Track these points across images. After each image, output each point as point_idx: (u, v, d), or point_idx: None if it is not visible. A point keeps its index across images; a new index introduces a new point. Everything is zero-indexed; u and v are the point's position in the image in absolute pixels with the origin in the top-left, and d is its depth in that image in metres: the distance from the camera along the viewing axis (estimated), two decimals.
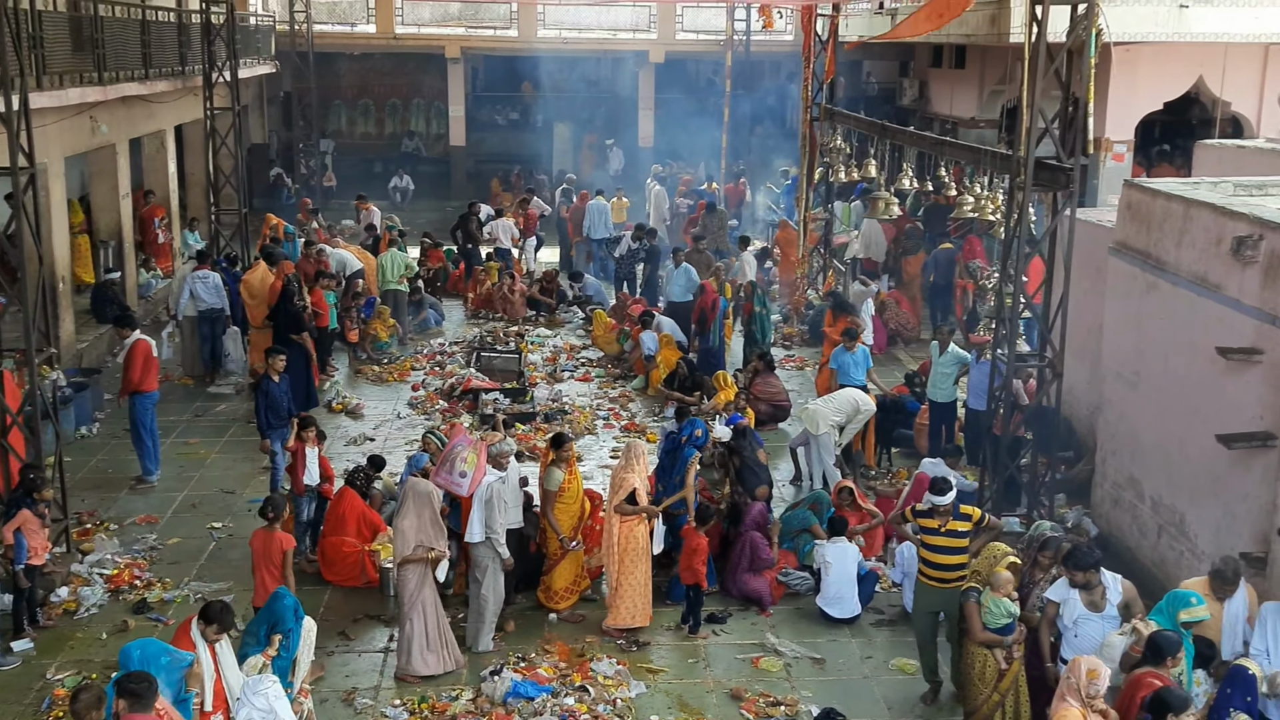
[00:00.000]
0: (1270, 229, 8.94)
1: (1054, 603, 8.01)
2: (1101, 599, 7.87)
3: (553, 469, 9.95)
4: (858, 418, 12.59)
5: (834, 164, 18.42)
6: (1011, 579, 8.01)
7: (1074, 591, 7.89)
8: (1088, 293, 12.07)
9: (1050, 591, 8.09)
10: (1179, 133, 20.40)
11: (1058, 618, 7.98)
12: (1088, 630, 7.81)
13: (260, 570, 8.87)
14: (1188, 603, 7.41)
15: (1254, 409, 9.00)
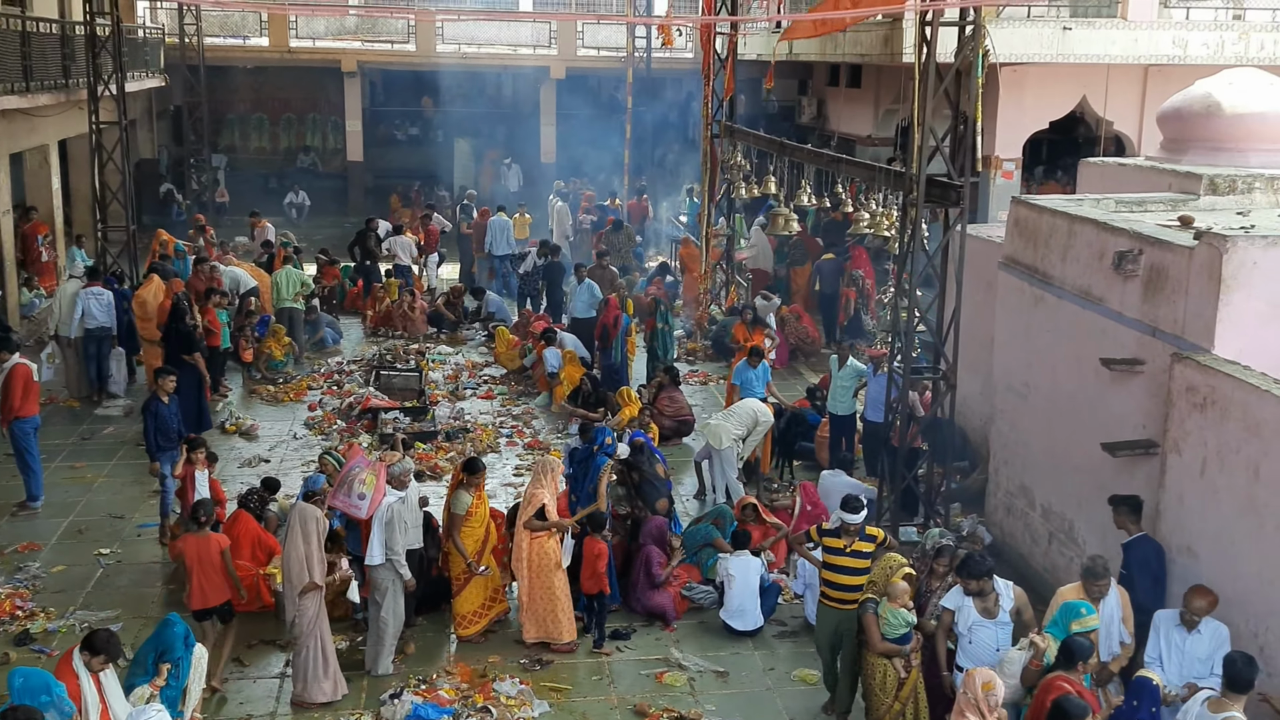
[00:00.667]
0: (1149, 244, 9.26)
1: (949, 610, 8.13)
2: (995, 606, 8.01)
3: (461, 492, 9.84)
4: (757, 429, 12.71)
5: (734, 180, 18.62)
6: (908, 589, 8.14)
7: (968, 599, 8.02)
8: (980, 307, 12.35)
9: (945, 599, 8.22)
10: (1065, 151, 21.04)
11: (953, 625, 8.12)
12: (981, 637, 7.94)
13: (197, 575, 8.87)
14: (1079, 613, 7.57)
15: (1137, 418, 9.30)
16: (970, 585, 7.98)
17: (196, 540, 8.94)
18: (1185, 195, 11.19)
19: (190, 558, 8.91)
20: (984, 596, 7.98)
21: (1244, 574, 7.78)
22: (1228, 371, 8.03)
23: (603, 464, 10.68)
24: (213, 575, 8.92)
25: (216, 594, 9.00)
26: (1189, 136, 12.16)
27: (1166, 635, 7.63)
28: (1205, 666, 7.51)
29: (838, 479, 12.33)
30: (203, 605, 8.97)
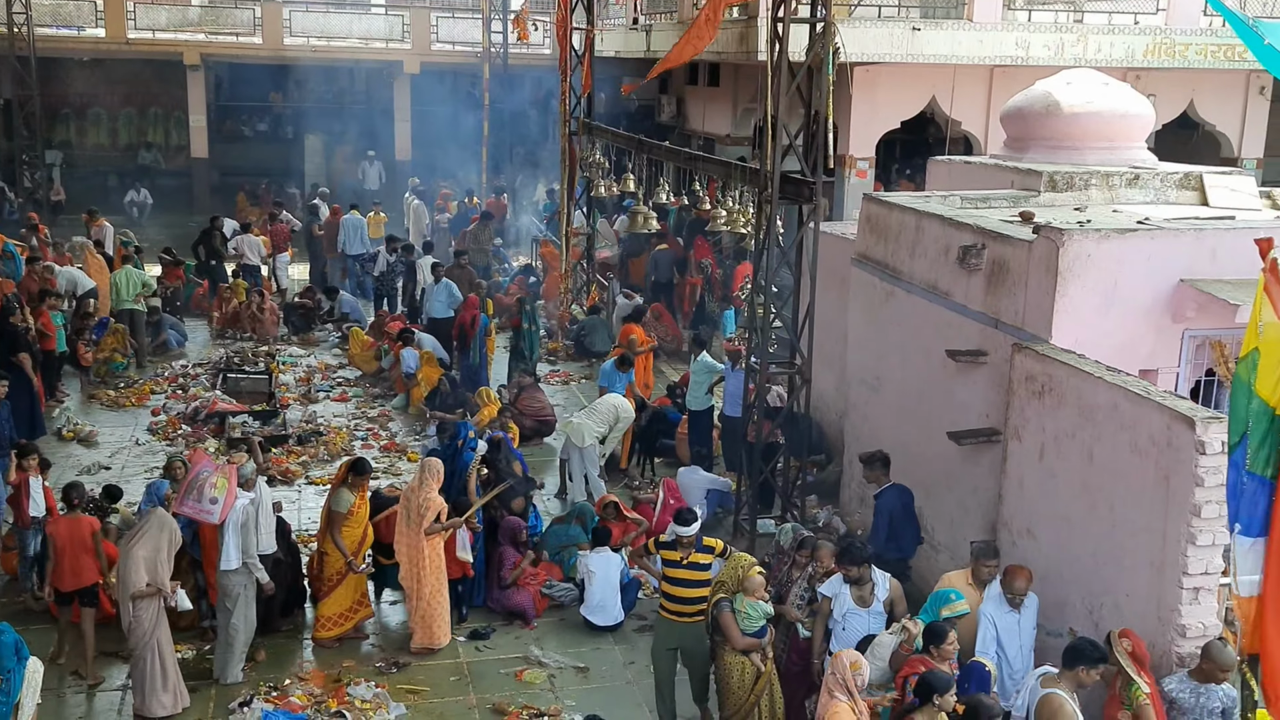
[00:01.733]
0: (992, 239, 9.57)
1: (827, 598, 8.26)
2: (870, 595, 8.13)
3: (343, 491, 9.68)
4: (618, 425, 12.71)
5: (593, 178, 18.60)
6: (763, 582, 8.17)
7: (845, 587, 8.16)
8: (835, 302, 12.59)
9: (823, 587, 8.32)
10: (917, 150, 21.67)
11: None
12: (855, 625, 8.05)
13: (68, 556, 9.10)
14: (948, 600, 7.75)
15: (981, 407, 9.59)
16: (850, 572, 8.09)
17: (68, 522, 9.21)
18: (1026, 192, 11.59)
19: (62, 539, 9.11)
20: (861, 585, 8.12)
21: (1080, 553, 8.09)
22: (1063, 360, 8.34)
23: (470, 460, 10.62)
24: (83, 556, 9.12)
25: (88, 574, 9.15)
26: (1030, 135, 12.60)
27: (999, 619, 7.83)
28: (1031, 637, 7.91)
29: (695, 475, 12.42)
30: (75, 586, 9.10)
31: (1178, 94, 19.89)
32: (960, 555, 9.75)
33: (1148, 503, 7.45)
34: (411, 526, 9.55)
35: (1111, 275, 8.80)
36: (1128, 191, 11.49)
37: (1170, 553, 7.26)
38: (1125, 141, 12.30)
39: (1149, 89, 18.00)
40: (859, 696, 6.99)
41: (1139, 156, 12.34)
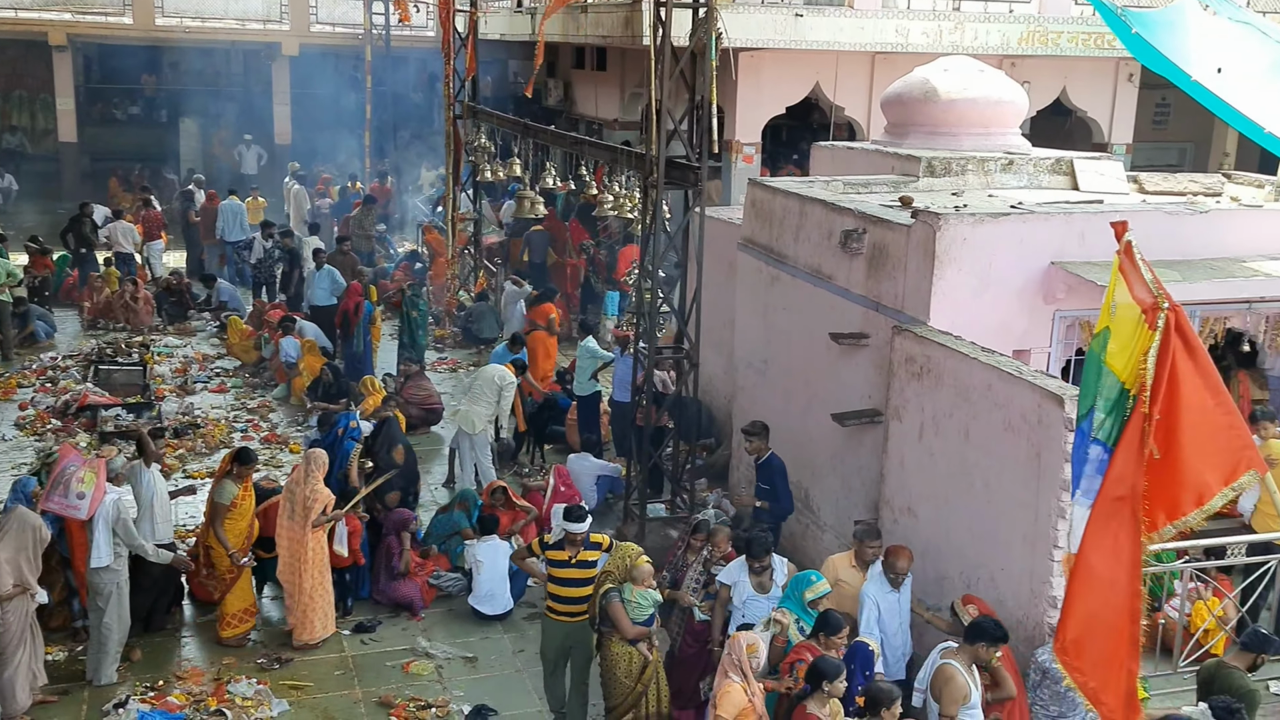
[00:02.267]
0: (872, 223, 9.72)
1: (726, 585, 8.30)
2: (769, 580, 8.21)
3: (226, 482, 9.45)
4: (504, 395, 12.44)
5: (479, 163, 18.38)
6: (651, 571, 8.17)
7: (744, 574, 8.20)
8: (722, 287, 12.67)
9: (723, 575, 8.36)
10: (802, 136, 21.91)
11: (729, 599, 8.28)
12: (755, 610, 8.08)
13: None
14: (809, 582, 7.85)
15: (864, 389, 9.75)
16: (754, 564, 8.18)
17: None
18: (906, 177, 11.80)
19: None
20: (761, 572, 8.20)
21: (957, 529, 8.29)
22: (940, 342, 8.52)
23: (350, 449, 10.47)
24: None
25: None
26: (909, 121, 12.83)
27: (881, 600, 7.96)
28: (908, 615, 8.08)
29: (585, 462, 12.41)
30: None
31: (1051, 81, 20.48)
32: (845, 534, 9.91)
33: (1020, 479, 7.65)
34: (295, 520, 9.35)
35: (986, 258, 9.00)
36: (1003, 176, 11.78)
37: (1041, 526, 7.47)
38: (1000, 127, 12.62)
39: (1023, 76, 18.54)
40: (753, 679, 7.07)
41: (1013, 142, 12.67)
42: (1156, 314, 4.63)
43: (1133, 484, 4.63)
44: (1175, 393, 4.54)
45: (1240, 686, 6.92)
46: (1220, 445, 4.59)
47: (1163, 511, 4.67)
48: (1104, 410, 4.77)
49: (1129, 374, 4.67)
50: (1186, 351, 4.58)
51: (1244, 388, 10.29)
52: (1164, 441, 4.61)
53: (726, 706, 6.94)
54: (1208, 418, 4.59)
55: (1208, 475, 4.61)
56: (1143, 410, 4.56)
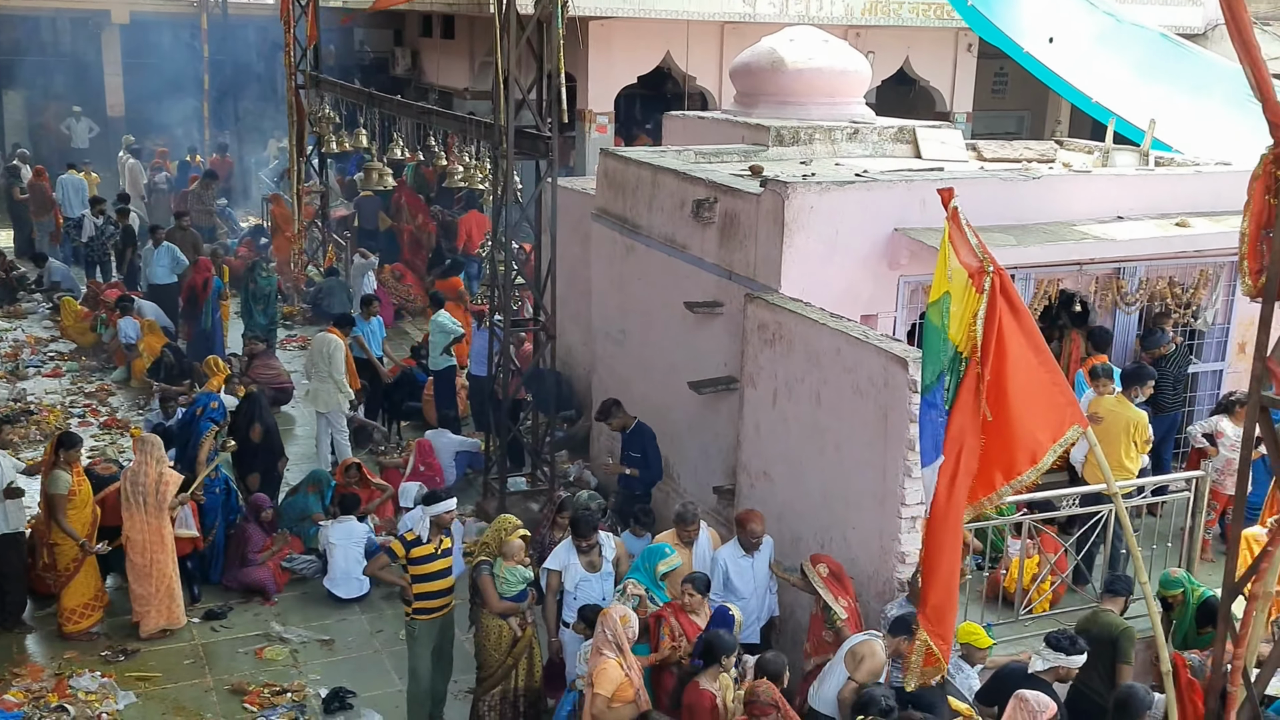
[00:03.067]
0: (723, 192, 9.79)
1: (555, 571, 8.16)
2: (598, 558, 8.16)
3: (58, 472, 9.03)
4: (333, 362, 12.13)
5: (324, 134, 17.87)
6: (523, 546, 8.10)
7: (573, 556, 8.10)
8: (579, 258, 12.64)
9: (549, 561, 8.23)
10: (656, 106, 21.90)
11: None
12: (588, 591, 8.04)
13: None
14: (663, 554, 7.90)
15: (719, 356, 9.86)
16: (581, 544, 8.08)
17: None
18: (756, 146, 11.92)
19: None
20: (589, 551, 8.12)
21: (811, 492, 8.46)
22: (791, 308, 8.66)
23: (206, 429, 10.23)
24: None
25: None
26: (758, 91, 12.96)
27: (734, 564, 8.10)
28: (766, 577, 8.20)
29: (443, 438, 12.25)
30: None
31: (894, 51, 20.96)
32: (705, 501, 10.04)
33: (869, 440, 7.85)
34: (147, 508, 9.02)
35: (833, 226, 9.16)
36: (848, 145, 12.02)
37: (890, 485, 7.68)
38: (845, 97, 12.86)
39: (868, 46, 18.92)
40: (629, 652, 7.08)
41: (858, 111, 12.93)
42: (983, 277, 4.75)
43: (967, 444, 4.74)
44: (1003, 353, 4.67)
45: (1118, 626, 7.31)
46: (1047, 403, 4.75)
47: (999, 472, 4.80)
48: (946, 375, 4.88)
49: (960, 337, 4.78)
50: (1011, 312, 4.71)
51: (1075, 346, 10.74)
52: (995, 402, 4.73)
53: (604, 683, 6.93)
54: (1034, 377, 4.74)
55: (1038, 434, 4.76)
56: (975, 371, 4.68)
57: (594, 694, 6.95)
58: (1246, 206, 4.63)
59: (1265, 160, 4.44)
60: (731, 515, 9.60)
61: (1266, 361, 4.23)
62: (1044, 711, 6.19)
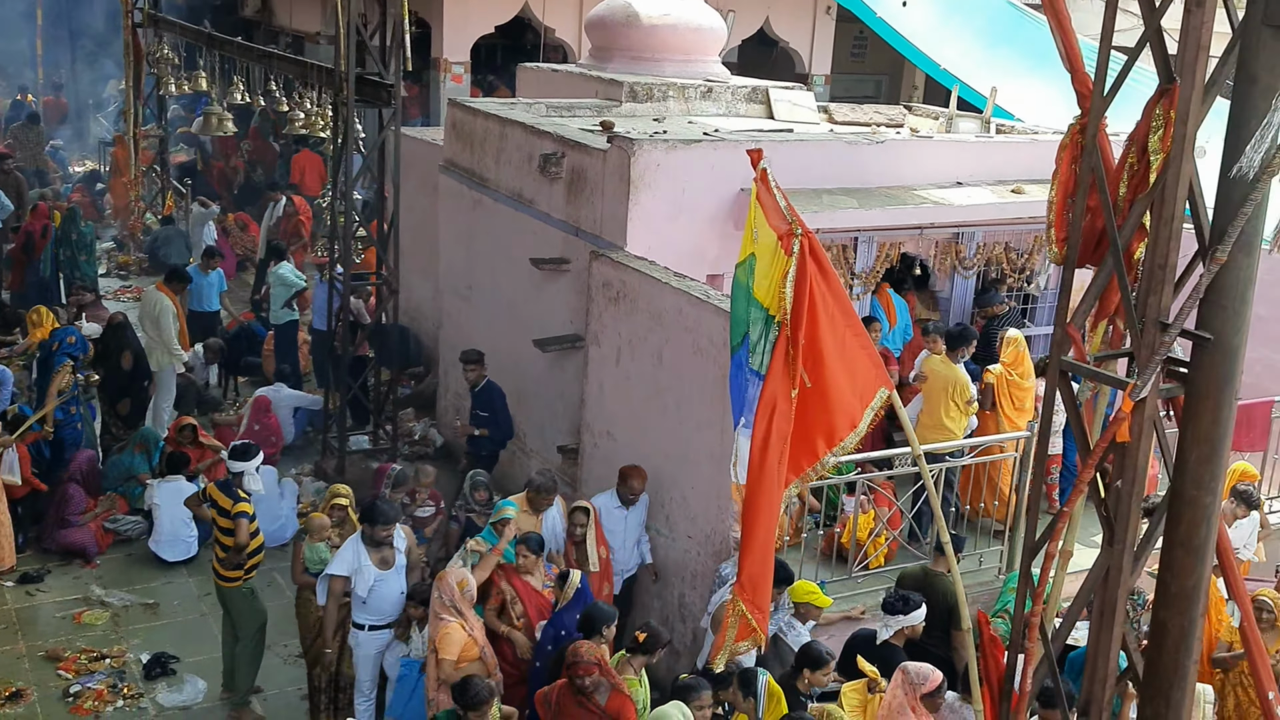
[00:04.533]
0: (571, 147, 9.65)
1: (341, 577, 7.29)
2: (391, 553, 7.44)
3: None
4: (161, 324, 11.62)
5: (163, 75, 17.04)
6: (327, 524, 7.86)
7: (363, 557, 7.28)
8: (428, 211, 12.35)
9: (333, 565, 7.38)
10: (516, 57, 21.48)
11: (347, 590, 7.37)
12: (382, 590, 7.34)
13: None
14: (498, 507, 7.80)
15: (565, 314, 9.76)
16: (379, 533, 7.32)
17: None
18: (609, 102, 11.78)
19: None
20: (381, 547, 7.36)
21: (653, 451, 8.45)
22: (635, 267, 8.60)
23: (61, 363, 9.88)
24: None
25: None
26: (613, 45, 12.80)
27: (608, 513, 8.10)
28: (637, 531, 8.26)
29: (281, 393, 11.90)
30: None
31: (755, 11, 20.95)
32: (550, 460, 9.98)
33: (708, 400, 7.86)
34: None
35: (680, 184, 9.11)
36: (702, 104, 11.98)
37: (726, 445, 7.63)
38: (700, 54, 12.80)
39: (728, 5, 18.84)
40: (469, 613, 6.97)
41: (713, 70, 12.89)
42: (791, 240, 4.72)
43: (779, 410, 4.70)
44: (814, 317, 4.62)
45: (947, 586, 7.46)
46: (858, 367, 4.75)
47: (822, 439, 4.77)
48: (755, 338, 4.84)
49: (772, 300, 4.74)
50: (821, 275, 4.67)
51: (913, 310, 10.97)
52: (812, 368, 4.69)
53: (448, 647, 6.83)
54: (844, 340, 4.72)
55: (853, 398, 4.75)
56: (786, 335, 4.65)
57: (440, 658, 6.85)
58: (1054, 175, 4.73)
59: (1073, 130, 4.52)
60: (576, 475, 9.60)
61: (1066, 327, 4.34)
62: (926, 683, 6.29)
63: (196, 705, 8.06)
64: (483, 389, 9.97)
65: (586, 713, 6.39)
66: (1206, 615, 7.80)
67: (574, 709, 6.41)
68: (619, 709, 6.38)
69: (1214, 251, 3.93)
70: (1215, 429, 4.05)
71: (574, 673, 6.31)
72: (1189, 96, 3.92)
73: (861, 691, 6.72)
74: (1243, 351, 4.10)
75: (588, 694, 6.31)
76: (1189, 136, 3.95)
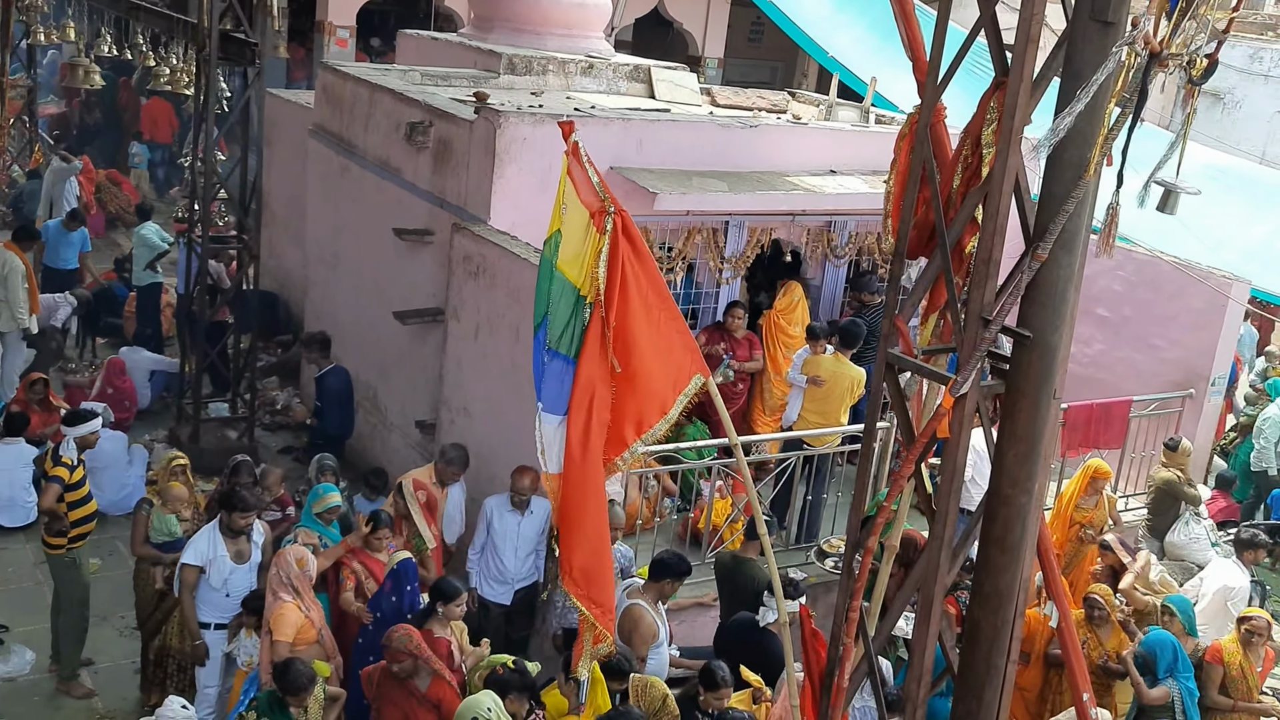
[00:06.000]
0: (438, 117, 9.40)
1: (193, 567, 6.95)
2: (247, 545, 7.17)
3: None
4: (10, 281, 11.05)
5: (32, 24, 16.22)
6: (186, 495, 7.57)
7: (219, 547, 6.99)
8: (298, 175, 11.97)
9: (186, 554, 7.01)
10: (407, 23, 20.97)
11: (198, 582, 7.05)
12: (238, 585, 7.07)
13: None
14: (318, 495, 7.51)
15: (429, 287, 9.52)
16: (237, 522, 7.01)
17: None
18: (488, 73, 11.53)
19: None
20: (239, 538, 7.08)
21: (506, 429, 8.28)
22: (495, 241, 8.42)
23: None
24: None
25: None
26: (495, 15, 12.51)
27: (500, 520, 7.73)
28: (534, 542, 7.78)
29: (138, 355, 11.48)
30: None
31: None
32: (410, 435, 9.75)
33: None
34: None
35: (546, 159, 8.90)
36: (582, 80, 11.78)
37: None
38: (584, 30, 12.58)
39: None
40: (307, 593, 6.75)
41: (596, 46, 12.69)
42: (604, 217, 4.56)
43: (598, 395, 4.52)
44: (626, 299, 4.45)
45: (759, 575, 7.41)
46: (672, 352, 4.60)
47: (631, 427, 4.57)
48: (563, 320, 4.64)
49: (583, 280, 4.57)
50: (634, 255, 4.51)
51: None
52: (623, 353, 4.50)
53: (283, 628, 6.61)
54: (658, 324, 4.56)
55: (665, 385, 4.56)
56: (600, 317, 4.49)
57: (273, 639, 6.61)
58: (893, 165, 4.67)
59: (911, 119, 4.46)
60: (434, 450, 9.38)
61: (895, 320, 4.28)
62: None
63: (22, 676, 7.73)
64: (322, 376, 9.63)
65: (406, 695, 6.27)
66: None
67: (394, 691, 6.30)
68: (439, 696, 6.27)
69: (1035, 248, 3.89)
70: (1032, 428, 4.03)
71: (387, 658, 6.18)
72: (1017, 89, 3.87)
73: (746, 703, 6.62)
74: (1063, 351, 4.08)
75: (401, 680, 6.20)
76: (1016, 129, 3.90)
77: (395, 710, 6.29)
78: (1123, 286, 10.78)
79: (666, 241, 9.71)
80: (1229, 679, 7.84)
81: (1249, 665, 7.82)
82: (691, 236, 9.78)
